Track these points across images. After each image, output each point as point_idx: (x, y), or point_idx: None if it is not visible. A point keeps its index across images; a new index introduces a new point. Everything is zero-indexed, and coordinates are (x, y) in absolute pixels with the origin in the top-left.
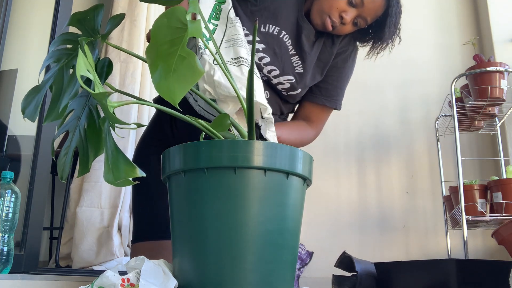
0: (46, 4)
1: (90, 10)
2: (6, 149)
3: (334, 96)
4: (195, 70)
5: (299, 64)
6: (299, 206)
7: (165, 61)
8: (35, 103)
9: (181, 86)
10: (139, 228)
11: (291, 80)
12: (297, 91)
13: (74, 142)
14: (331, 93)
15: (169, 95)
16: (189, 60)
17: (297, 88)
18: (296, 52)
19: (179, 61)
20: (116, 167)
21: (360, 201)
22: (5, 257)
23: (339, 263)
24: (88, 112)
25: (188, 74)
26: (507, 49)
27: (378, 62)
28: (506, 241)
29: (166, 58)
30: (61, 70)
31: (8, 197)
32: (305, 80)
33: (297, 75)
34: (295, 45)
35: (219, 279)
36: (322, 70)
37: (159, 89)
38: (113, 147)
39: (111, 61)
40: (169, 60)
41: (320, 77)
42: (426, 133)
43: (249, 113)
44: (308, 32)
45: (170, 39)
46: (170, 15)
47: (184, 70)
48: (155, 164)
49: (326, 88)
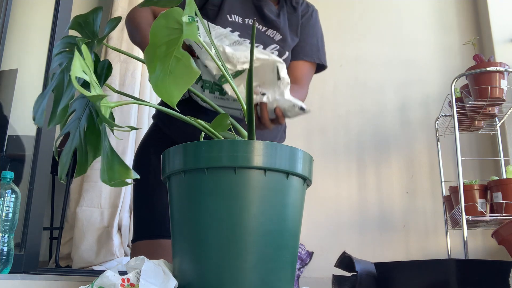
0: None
1: (89, 13)
2: (6, 149)
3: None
4: (190, 71)
5: (275, 33)
6: (299, 206)
7: (162, 63)
8: (41, 109)
9: (178, 87)
10: (139, 227)
11: (276, 47)
12: (286, 55)
13: (74, 142)
14: (306, 49)
15: (167, 96)
16: (183, 62)
17: (285, 51)
18: (268, 26)
19: (174, 62)
20: (110, 168)
21: (360, 201)
22: (5, 257)
23: (339, 263)
24: (88, 113)
25: (184, 75)
26: (507, 49)
27: (378, 62)
28: (506, 241)
29: (163, 60)
30: (61, 73)
31: (8, 197)
32: (288, 42)
33: (279, 41)
34: (263, 22)
35: (219, 279)
36: (296, 31)
37: (157, 91)
38: (109, 148)
39: (110, 64)
40: (166, 62)
41: (297, 38)
42: (426, 133)
43: (249, 113)
44: (269, 6)
45: (167, 40)
46: (168, 16)
47: (180, 71)
48: (155, 164)
49: (301, 46)
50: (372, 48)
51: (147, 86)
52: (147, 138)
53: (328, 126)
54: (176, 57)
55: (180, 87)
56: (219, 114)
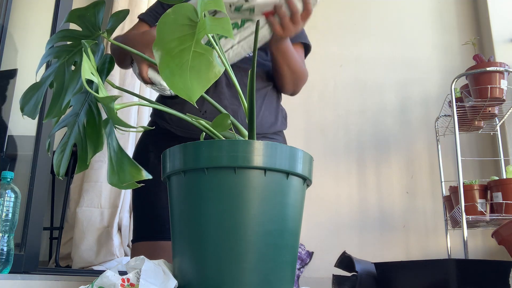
0: (46, 4)
1: (90, 7)
2: (6, 149)
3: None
4: (214, 66)
5: None
6: (299, 206)
7: (178, 58)
8: (35, 100)
9: (199, 82)
10: (139, 228)
11: None
12: None
13: (72, 138)
14: None
15: (186, 92)
16: (207, 56)
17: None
18: None
19: (195, 57)
20: (121, 169)
21: (360, 201)
22: (5, 257)
23: (339, 263)
24: (88, 108)
25: (206, 70)
26: (507, 49)
27: (378, 62)
28: (506, 241)
29: (178, 55)
30: (62, 66)
31: (8, 197)
32: None
33: None
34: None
35: (219, 279)
36: None
37: (173, 87)
38: (117, 148)
39: (112, 58)
40: (183, 57)
41: None
42: (426, 133)
43: (250, 113)
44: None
45: (178, 36)
46: (177, 12)
47: (202, 66)
48: (154, 163)
49: None
50: (372, 48)
51: None
52: (145, 136)
53: (328, 126)
54: (196, 52)
55: (202, 82)
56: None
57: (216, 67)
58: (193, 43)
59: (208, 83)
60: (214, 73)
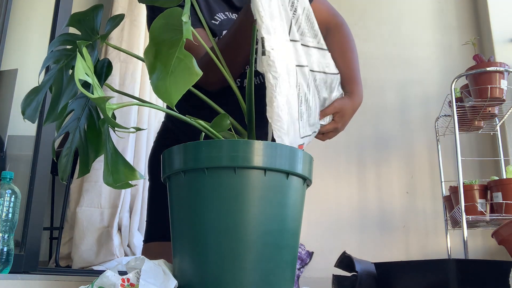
0: (46, 4)
1: (89, 11)
2: (6, 149)
3: None
4: (192, 72)
5: None
6: (299, 206)
7: (164, 63)
8: (35, 104)
9: (178, 87)
10: (152, 228)
11: None
12: None
13: (74, 143)
14: None
15: (166, 96)
16: (185, 62)
17: None
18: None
19: (176, 63)
20: (115, 169)
21: (360, 201)
22: (5, 257)
23: (339, 263)
24: (88, 113)
25: (185, 76)
26: (507, 49)
27: (378, 62)
28: (506, 241)
29: (165, 60)
30: (60, 71)
31: (8, 197)
32: None
33: None
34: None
35: (219, 279)
36: None
37: (156, 91)
38: (113, 149)
39: (110, 62)
40: (168, 62)
41: None
42: (426, 133)
43: (249, 113)
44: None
45: (168, 40)
46: (168, 16)
47: (181, 72)
48: None
49: None
50: (372, 48)
51: (147, 86)
52: (159, 138)
53: None
54: (178, 57)
55: (180, 87)
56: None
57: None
58: (178, 48)
59: (184, 88)
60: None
